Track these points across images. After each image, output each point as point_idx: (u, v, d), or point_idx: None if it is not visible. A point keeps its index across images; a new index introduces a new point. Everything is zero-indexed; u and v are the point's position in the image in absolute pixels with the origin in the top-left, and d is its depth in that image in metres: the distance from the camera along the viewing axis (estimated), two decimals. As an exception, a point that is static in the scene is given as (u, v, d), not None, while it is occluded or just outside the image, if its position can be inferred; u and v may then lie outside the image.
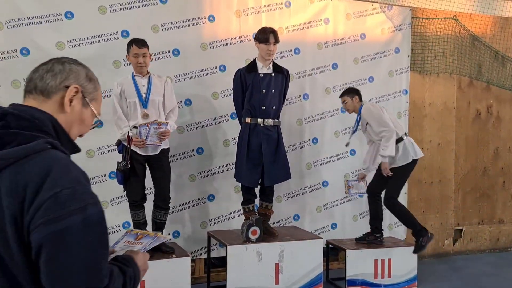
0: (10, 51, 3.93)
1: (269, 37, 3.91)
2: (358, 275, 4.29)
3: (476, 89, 5.85)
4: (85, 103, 1.29)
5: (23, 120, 1.16)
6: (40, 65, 1.29)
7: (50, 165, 1.08)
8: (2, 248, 1.05)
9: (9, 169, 1.06)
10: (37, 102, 1.25)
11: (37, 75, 1.26)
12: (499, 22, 5.77)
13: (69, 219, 1.04)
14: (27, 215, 1.03)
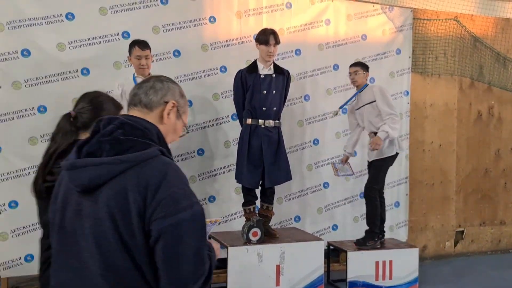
0: (11, 52, 3.94)
1: (269, 38, 3.90)
2: (359, 276, 4.28)
3: (477, 90, 5.84)
4: (178, 115, 1.56)
5: (137, 130, 1.41)
6: (142, 82, 1.56)
7: (165, 169, 1.35)
8: (127, 235, 1.31)
9: (133, 169, 1.32)
10: (142, 113, 1.50)
11: (142, 91, 1.51)
12: (500, 23, 5.77)
13: (181, 214, 1.32)
14: (149, 209, 1.30)
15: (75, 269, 1.36)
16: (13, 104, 3.96)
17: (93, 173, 1.33)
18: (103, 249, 1.31)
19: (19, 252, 3.98)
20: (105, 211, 1.31)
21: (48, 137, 4.04)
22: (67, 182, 1.40)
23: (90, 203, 1.34)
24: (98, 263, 1.32)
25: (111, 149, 1.35)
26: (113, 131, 1.38)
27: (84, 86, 4.10)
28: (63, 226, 1.41)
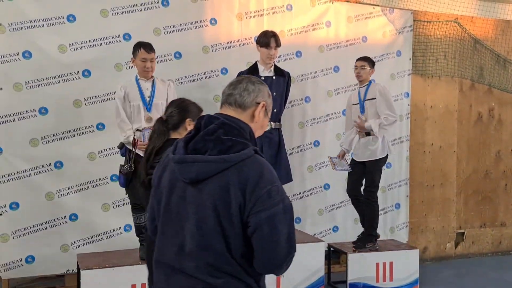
0: (13, 54, 3.95)
1: (270, 41, 3.91)
2: (359, 278, 4.28)
3: (477, 92, 5.85)
4: (266, 113, 1.74)
5: (234, 129, 1.60)
6: (235, 83, 1.73)
7: (261, 169, 1.56)
8: (226, 223, 1.53)
9: (234, 167, 1.53)
10: (236, 113, 1.68)
11: (237, 92, 1.69)
12: (500, 25, 5.78)
13: (275, 207, 1.53)
14: (248, 204, 1.52)
15: (177, 244, 1.60)
16: (14, 105, 3.96)
17: (200, 169, 1.55)
18: (203, 231, 1.55)
19: (20, 253, 3.98)
20: (209, 201, 1.54)
21: (49, 139, 4.07)
22: (174, 172, 1.62)
23: (195, 192, 1.57)
24: (197, 242, 1.56)
25: (214, 147, 1.57)
26: (215, 131, 1.59)
27: (85, 88, 4.14)
28: (169, 209, 1.64)
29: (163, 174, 1.69)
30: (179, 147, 1.64)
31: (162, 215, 1.67)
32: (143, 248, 3.72)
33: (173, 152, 1.65)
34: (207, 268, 1.55)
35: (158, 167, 1.74)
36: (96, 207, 4.19)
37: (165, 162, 1.70)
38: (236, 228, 1.54)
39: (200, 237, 1.55)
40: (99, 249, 4.07)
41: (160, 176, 1.70)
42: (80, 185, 4.14)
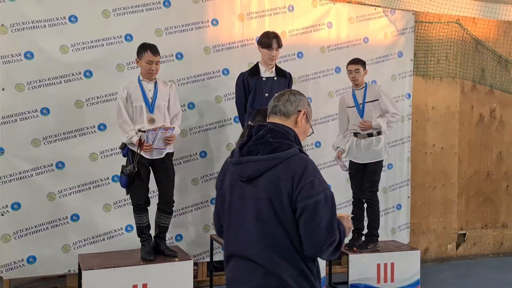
0: (14, 54, 3.95)
1: (272, 42, 3.91)
2: (361, 279, 4.28)
3: (479, 93, 5.85)
4: (307, 120, 2.03)
5: (280, 133, 1.90)
6: (279, 96, 2.03)
7: (305, 164, 1.83)
8: (280, 211, 1.81)
9: (282, 164, 1.82)
10: (281, 120, 1.98)
11: (280, 103, 1.99)
12: (502, 26, 5.77)
13: (318, 195, 1.79)
14: (295, 193, 1.80)
15: (242, 234, 1.89)
16: (16, 106, 3.97)
17: (254, 167, 1.85)
18: (261, 221, 1.83)
19: (21, 253, 3.98)
20: (264, 194, 1.83)
21: (50, 139, 4.07)
22: (232, 173, 1.93)
23: (251, 188, 1.86)
24: (259, 230, 1.83)
25: (264, 148, 1.86)
26: (264, 135, 1.89)
27: (87, 89, 4.15)
28: (232, 206, 1.93)
29: (224, 178, 2.00)
30: (235, 152, 1.96)
31: (227, 213, 1.96)
32: (144, 249, 3.73)
33: (230, 157, 1.97)
34: (267, 253, 1.82)
35: (220, 173, 2.05)
36: (97, 208, 4.19)
37: (225, 168, 2.02)
38: (289, 215, 1.81)
39: (260, 227, 1.83)
40: (100, 250, 4.08)
41: (222, 180, 2.01)
42: (82, 185, 4.15)
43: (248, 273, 1.86)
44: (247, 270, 1.86)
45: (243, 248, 1.88)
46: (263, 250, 1.83)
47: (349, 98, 4.43)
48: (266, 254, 1.82)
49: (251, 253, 1.85)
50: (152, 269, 3.62)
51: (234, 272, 1.92)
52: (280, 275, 1.81)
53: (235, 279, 1.91)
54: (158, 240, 3.83)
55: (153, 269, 3.62)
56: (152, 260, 3.67)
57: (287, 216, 1.81)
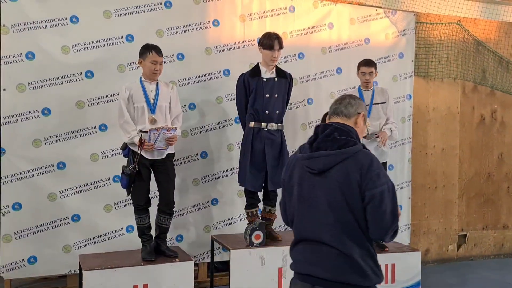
0: (16, 55, 3.95)
1: (273, 43, 3.91)
2: (361, 280, 4.27)
3: (480, 94, 5.85)
4: (364, 121, 2.27)
5: (345, 132, 2.14)
6: (340, 99, 2.28)
7: (370, 158, 2.07)
8: (350, 199, 2.03)
9: (350, 158, 2.06)
10: (342, 120, 2.21)
11: (342, 106, 2.23)
12: (503, 27, 5.77)
13: (383, 186, 2.02)
14: (363, 183, 2.02)
15: (314, 220, 2.11)
16: (18, 106, 3.97)
17: (326, 161, 2.08)
18: (333, 208, 2.06)
19: (22, 254, 3.99)
20: (335, 184, 2.06)
21: (52, 139, 4.08)
22: (302, 166, 2.16)
23: (321, 180, 2.10)
24: (331, 217, 2.06)
25: (333, 145, 2.10)
26: (331, 133, 2.13)
27: (88, 89, 4.15)
28: (302, 195, 2.16)
29: (293, 172, 2.22)
30: (305, 148, 2.20)
31: (297, 202, 2.18)
32: (145, 249, 3.73)
33: (299, 152, 2.21)
34: (339, 237, 2.06)
35: (287, 169, 2.28)
36: (98, 208, 4.19)
37: (292, 163, 2.25)
38: (358, 203, 2.04)
39: (333, 214, 2.06)
40: (101, 250, 4.08)
41: (290, 174, 2.23)
42: (83, 186, 4.15)
43: (322, 254, 2.09)
44: (321, 252, 2.09)
45: (316, 233, 2.11)
46: (336, 234, 2.06)
47: None
48: (338, 237, 2.06)
49: (324, 237, 2.08)
50: (153, 269, 3.62)
51: (305, 254, 2.16)
52: (352, 255, 2.05)
53: (308, 260, 2.13)
54: (159, 240, 3.83)
55: (153, 269, 3.62)
56: (152, 260, 3.68)
57: (357, 204, 2.04)
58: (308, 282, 2.12)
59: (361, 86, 4.44)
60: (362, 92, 4.40)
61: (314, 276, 2.10)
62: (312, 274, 2.10)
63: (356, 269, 2.05)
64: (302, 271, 2.15)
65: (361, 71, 4.37)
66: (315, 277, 2.09)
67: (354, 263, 2.05)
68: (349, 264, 2.05)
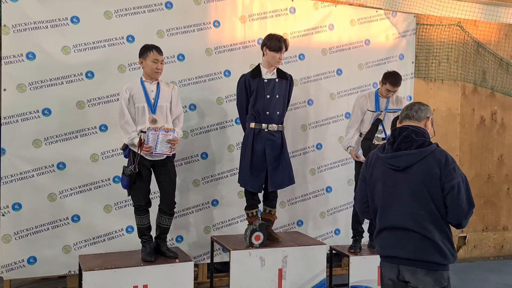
0: (16, 55, 3.96)
1: (281, 46, 3.91)
2: (361, 281, 4.27)
3: (480, 96, 5.85)
4: (432, 124, 2.66)
5: (420, 133, 2.52)
6: (410, 105, 2.64)
7: (446, 154, 2.45)
8: (432, 190, 2.40)
9: (429, 156, 2.43)
10: (414, 123, 2.58)
11: (413, 111, 2.60)
12: (503, 29, 5.77)
13: (458, 178, 2.40)
14: (442, 176, 2.40)
15: (398, 211, 2.48)
16: (18, 106, 3.97)
17: (408, 159, 2.45)
18: (417, 199, 2.43)
19: (22, 254, 3.98)
20: (418, 179, 2.43)
21: (52, 140, 4.07)
22: (384, 164, 2.53)
23: (404, 175, 2.46)
24: (415, 207, 2.43)
25: (412, 145, 2.47)
26: (409, 135, 2.50)
27: (88, 89, 4.15)
28: (386, 190, 2.52)
29: (373, 169, 2.59)
30: (387, 148, 2.55)
31: (381, 195, 2.54)
32: (145, 250, 3.73)
33: (381, 152, 2.56)
34: (422, 223, 2.42)
35: (367, 166, 2.64)
36: (98, 209, 4.19)
37: (372, 161, 2.62)
38: (438, 193, 2.40)
39: (416, 203, 2.43)
40: (101, 251, 4.08)
41: (371, 171, 2.60)
42: (83, 186, 4.15)
43: (406, 239, 2.45)
44: (405, 237, 2.46)
45: (401, 221, 2.46)
46: (419, 221, 2.42)
47: (372, 102, 4.36)
48: (421, 224, 2.42)
49: (408, 224, 2.44)
50: (153, 270, 3.62)
51: (390, 239, 2.52)
52: (433, 238, 2.41)
53: (393, 245, 2.50)
54: (159, 241, 3.82)
55: (153, 270, 3.62)
56: (152, 261, 3.67)
57: (437, 194, 2.40)
58: (394, 263, 2.52)
59: (379, 92, 4.37)
60: (379, 98, 4.36)
61: (399, 257, 2.49)
62: (397, 255, 2.49)
63: (437, 250, 2.42)
64: (389, 254, 2.54)
65: (387, 88, 4.26)
66: (400, 258, 2.48)
67: (435, 245, 2.41)
68: (432, 246, 2.42)
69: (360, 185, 2.69)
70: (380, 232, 2.58)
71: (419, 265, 2.44)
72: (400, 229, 2.47)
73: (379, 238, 2.58)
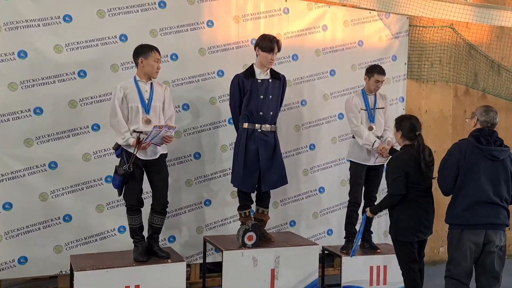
0: (8, 53, 3.92)
1: (274, 46, 3.92)
2: (353, 281, 4.29)
3: (472, 98, 5.89)
4: None
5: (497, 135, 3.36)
6: (488, 111, 3.41)
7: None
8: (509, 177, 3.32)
9: (509, 152, 3.36)
10: (492, 127, 3.39)
11: (492, 118, 3.40)
12: (495, 31, 5.82)
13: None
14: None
15: (491, 190, 3.24)
16: (9, 105, 3.94)
17: (505, 153, 3.28)
18: (505, 182, 3.28)
19: (12, 254, 3.95)
20: (508, 167, 3.28)
21: (43, 139, 4.05)
22: (481, 153, 3.26)
23: (499, 165, 3.27)
24: (504, 187, 3.28)
25: (501, 142, 3.30)
26: (497, 135, 3.33)
27: (80, 89, 4.13)
28: (486, 174, 3.25)
29: (466, 156, 3.27)
30: (481, 141, 3.29)
31: (476, 177, 3.24)
32: (137, 250, 3.71)
33: (479, 144, 3.28)
34: (507, 199, 3.29)
35: (460, 152, 3.30)
36: (90, 208, 4.17)
37: (465, 149, 3.30)
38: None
39: (505, 185, 3.27)
40: (92, 250, 4.06)
41: (465, 157, 3.28)
42: (75, 186, 4.13)
43: (496, 210, 3.25)
44: (495, 209, 3.25)
45: (491, 197, 3.23)
46: (506, 198, 3.28)
47: (361, 101, 4.36)
48: (507, 201, 3.30)
49: (496, 200, 3.24)
50: (145, 270, 3.61)
51: (482, 211, 3.23)
52: (508, 212, 3.30)
53: (487, 215, 3.23)
54: (151, 241, 3.81)
55: (145, 270, 3.61)
56: (145, 261, 3.66)
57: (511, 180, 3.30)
58: (483, 229, 3.23)
59: (366, 90, 4.40)
60: (367, 96, 4.38)
61: (489, 223, 3.23)
62: (488, 222, 3.23)
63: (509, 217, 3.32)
64: (479, 222, 3.23)
65: (376, 78, 4.29)
66: (491, 224, 3.23)
67: (508, 218, 3.30)
68: (506, 218, 3.29)
69: (452, 169, 3.29)
70: (471, 206, 3.24)
71: (503, 228, 3.28)
72: (491, 204, 3.22)
73: (472, 212, 3.23)
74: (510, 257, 6.05)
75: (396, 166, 3.53)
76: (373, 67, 4.39)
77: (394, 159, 3.62)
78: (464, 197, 3.25)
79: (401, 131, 3.65)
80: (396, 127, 3.70)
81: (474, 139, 3.28)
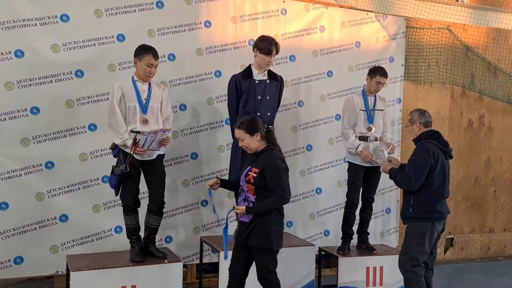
0: (4, 52, 3.91)
1: (272, 49, 3.91)
2: (350, 282, 4.29)
3: (468, 99, 5.91)
4: None
5: None
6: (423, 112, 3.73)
7: None
8: None
9: None
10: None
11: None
12: (492, 33, 5.84)
13: None
14: None
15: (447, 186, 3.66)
16: (6, 105, 3.93)
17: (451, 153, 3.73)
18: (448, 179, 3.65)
19: (8, 254, 3.94)
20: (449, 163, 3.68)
21: (40, 139, 4.03)
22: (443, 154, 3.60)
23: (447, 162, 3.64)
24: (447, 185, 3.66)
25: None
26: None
27: (77, 88, 4.12)
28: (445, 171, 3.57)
29: (439, 157, 3.58)
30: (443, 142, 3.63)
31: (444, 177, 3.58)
32: (134, 250, 3.71)
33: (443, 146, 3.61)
34: None
35: (433, 155, 3.54)
36: (86, 208, 4.16)
37: (437, 151, 3.59)
38: None
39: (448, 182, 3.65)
40: (89, 251, 4.05)
41: (437, 158, 3.56)
42: (71, 185, 4.11)
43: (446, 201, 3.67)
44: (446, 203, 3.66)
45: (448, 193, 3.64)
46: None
47: (361, 102, 4.37)
48: None
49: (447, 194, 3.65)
50: (141, 270, 3.60)
51: (444, 204, 3.62)
52: None
53: (447, 207, 3.63)
54: (148, 241, 3.81)
55: (142, 270, 3.60)
56: (141, 261, 3.65)
57: None
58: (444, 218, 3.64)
59: (366, 90, 4.40)
60: (367, 97, 4.38)
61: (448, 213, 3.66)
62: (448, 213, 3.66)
63: None
64: (445, 214, 3.61)
65: (378, 80, 4.29)
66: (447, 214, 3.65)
67: None
68: None
69: (425, 171, 3.50)
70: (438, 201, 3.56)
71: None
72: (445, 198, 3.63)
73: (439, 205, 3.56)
74: (494, 259, 6.10)
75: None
76: (376, 68, 4.39)
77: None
78: (434, 194, 3.56)
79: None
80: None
81: (436, 141, 3.60)
